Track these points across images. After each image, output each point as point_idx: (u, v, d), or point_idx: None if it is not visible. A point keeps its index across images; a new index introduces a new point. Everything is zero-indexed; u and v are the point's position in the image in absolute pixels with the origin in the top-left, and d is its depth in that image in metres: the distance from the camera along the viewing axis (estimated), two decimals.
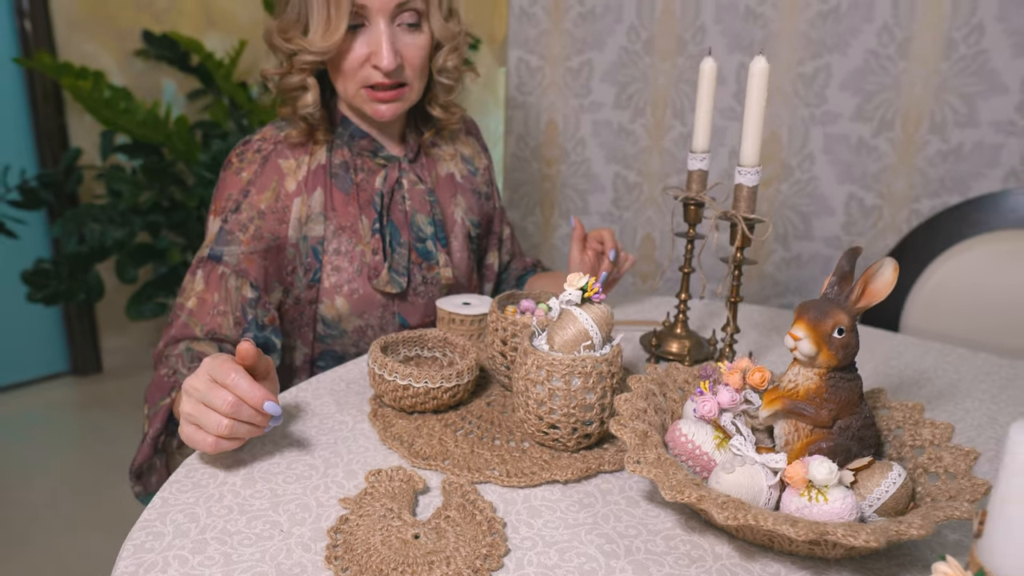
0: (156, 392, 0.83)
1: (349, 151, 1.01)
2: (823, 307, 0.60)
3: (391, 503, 0.62)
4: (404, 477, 0.65)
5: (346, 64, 0.93)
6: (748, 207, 0.79)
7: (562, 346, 0.70)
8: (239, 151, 0.98)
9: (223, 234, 0.93)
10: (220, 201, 0.96)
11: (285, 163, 0.97)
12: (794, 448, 0.63)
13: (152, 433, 0.80)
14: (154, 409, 0.81)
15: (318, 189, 0.98)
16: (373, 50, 0.92)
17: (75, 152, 2.32)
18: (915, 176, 1.53)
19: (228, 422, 0.63)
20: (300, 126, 0.98)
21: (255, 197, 0.95)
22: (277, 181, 0.96)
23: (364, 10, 0.91)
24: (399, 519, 0.60)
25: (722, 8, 1.63)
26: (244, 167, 0.97)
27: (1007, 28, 1.39)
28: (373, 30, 0.92)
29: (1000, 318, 1.19)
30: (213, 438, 0.64)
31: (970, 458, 0.59)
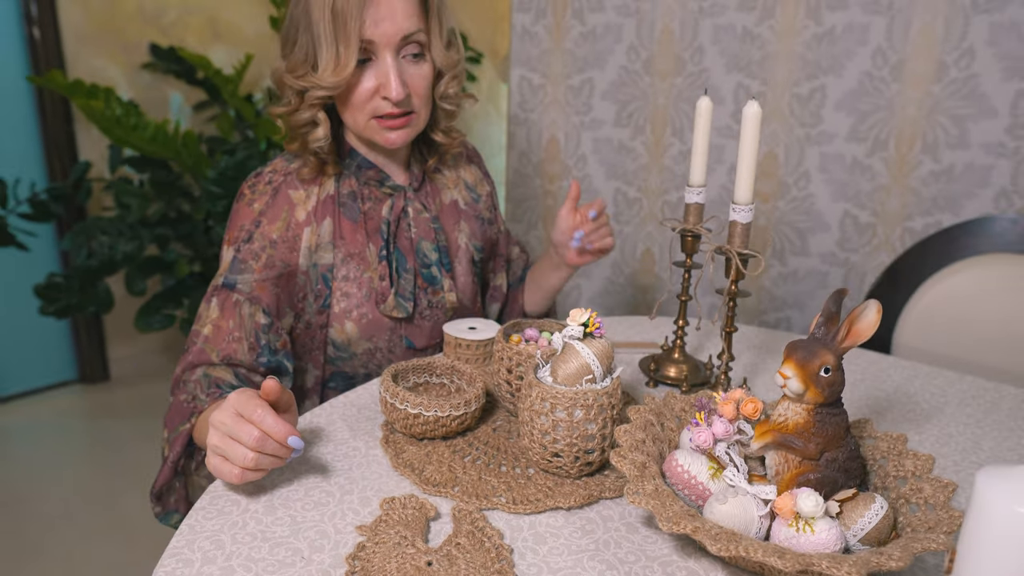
0: (176, 417, 0.86)
1: (356, 181, 1.05)
2: (811, 347, 0.64)
3: (405, 530, 0.66)
4: (416, 505, 0.69)
5: (356, 97, 0.97)
6: (742, 242, 0.82)
7: (565, 379, 0.74)
8: (251, 183, 1.02)
9: (236, 263, 0.97)
10: (233, 231, 1.00)
11: (295, 194, 1.01)
12: (784, 478, 0.67)
13: (172, 457, 0.84)
14: (174, 434, 0.85)
15: (327, 218, 1.02)
16: (381, 82, 0.96)
17: (84, 165, 2.36)
18: (908, 195, 1.57)
19: (253, 455, 0.67)
20: (310, 161, 1.01)
21: (267, 227, 0.99)
22: (288, 211, 1.00)
23: (371, 45, 0.94)
24: (413, 547, 0.64)
25: (720, 29, 1.67)
26: (256, 198, 1.00)
27: (997, 53, 1.43)
28: (380, 63, 0.95)
29: (987, 339, 1.23)
30: (239, 470, 0.67)
31: (948, 490, 0.63)
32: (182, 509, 0.89)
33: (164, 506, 0.89)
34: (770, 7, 1.61)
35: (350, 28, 0.92)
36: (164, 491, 0.87)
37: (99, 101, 1.82)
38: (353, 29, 0.92)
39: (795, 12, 1.58)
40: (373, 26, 0.93)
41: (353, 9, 0.91)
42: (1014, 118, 1.44)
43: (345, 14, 0.91)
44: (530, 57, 1.86)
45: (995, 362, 1.22)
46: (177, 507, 0.89)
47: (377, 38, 0.94)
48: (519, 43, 1.87)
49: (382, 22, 0.93)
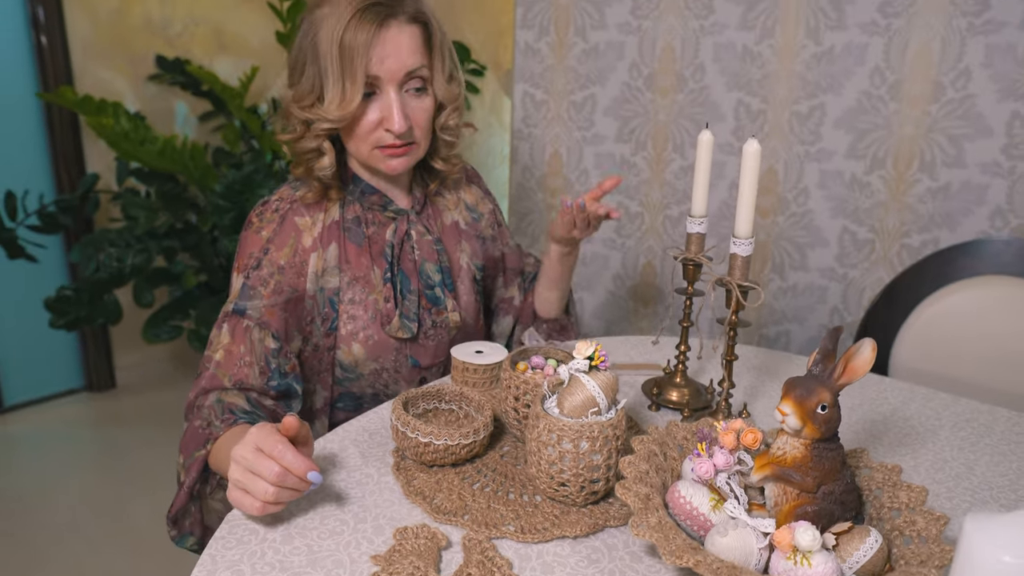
0: (191, 443, 0.89)
1: (360, 206, 1.08)
2: (808, 385, 0.67)
3: (418, 560, 0.68)
4: (428, 535, 0.72)
5: (360, 128, 1.00)
6: (742, 275, 0.85)
7: (571, 411, 0.76)
8: (258, 211, 1.05)
9: (246, 289, 1.00)
10: (242, 259, 1.02)
11: (301, 220, 1.03)
12: (782, 509, 0.69)
13: (189, 483, 0.86)
14: (190, 460, 0.87)
15: (333, 243, 1.04)
16: (385, 115, 0.99)
17: (93, 178, 2.39)
18: (906, 212, 1.60)
19: (274, 490, 0.69)
20: (314, 186, 1.04)
21: (274, 254, 1.01)
22: (294, 238, 1.02)
23: (376, 80, 0.97)
24: None
25: (720, 48, 1.70)
26: (264, 226, 1.03)
27: (993, 74, 1.46)
28: (384, 97, 0.98)
29: (982, 359, 1.26)
30: (260, 504, 0.70)
31: (940, 523, 0.66)
32: (197, 532, 0.91)
33: (180, 529, 0.91)
34: (770, 27, 1.63)
35: (356, 64, 0.95)
36: (180, 515, 0.90)
37: (109, 118, 1.85)
38: (360, 65, 0.95)
39: (795, 32, 1.61)
40: (378, 63, 0.96)
41: (360, 46, 0.94)
42: (1009, 138, 1.47)
43: (352, 51, 0.94)
44: (533, 73, 1.89)
45: (990, 382, 1.25)
46: (192, 530, 0.91)
47: (382, 74, 0.97)
48: (522, 59, 1.89)
49: (387, 59, 0.96)
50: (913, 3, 1.49)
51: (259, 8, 2.89)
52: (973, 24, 1.45)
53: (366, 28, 0.94)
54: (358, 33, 0.94)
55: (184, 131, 2.81)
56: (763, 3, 1.63)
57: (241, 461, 0.71)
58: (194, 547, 0.92)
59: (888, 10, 1.52)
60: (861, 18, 1.55)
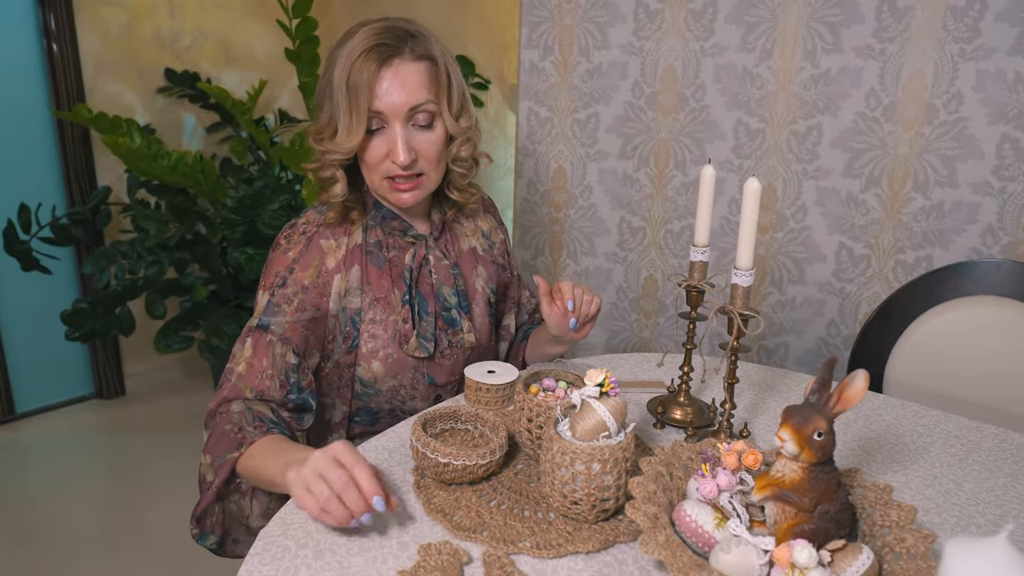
0: (221, 445, 0.93)
1: (382, 231, 1.13)
2: (805, 413, 0.72)
3: (442, 575, 0.73)
4: (451, 551, 0.77)
5: (370, 160, 1.06)
6: (743, 304, 0.90)
7: (583, 434, 0.81)
8: (287, 234, 1.10)
9: (271, 306, 1.05)
10: (269, 278, 1.08)
11: (326, 243, 1.09)
12: (781, 527, 0.74)
13: (218, 483, 0.91)
14: (220, 460, 0.92)
15: (355, 266, 1.10)
16: (391, 148, 1.04)
17: (105, 191, 2.44)
18: (900, 230, 1.65)
19: (330, 494, 0.76)
20: (336, 208, 1.10)
21: (299, 274, 1.06)
22: (319, 259, 1.08)
23: (382, 115, 1.03)
24: None
25: (720, 69, 1.75)
26: (291, 247, 1.08)
27: (983, 98, 1.51)
28: (391, 131, 1.04)
29: (971, 376, 1.31)
30: (318, 506, 0.76)
31: (928, 541, 0.71)
32: (218, 532, 0.96)
33: (202, 528, 0.95)
34: (768, 49, 1.68)
35: (361, 100, 1.01)
36: (204, 514, 0.94)
37: (125, 136, 1.90)
38: (363, 101, 1.01)
39: (792, 54, 1.66)
40: (383, 98, 1.02)
41: (364, 84, 1.00)
42: (1000, 160, 1.52)
43: (357, 88, 1.00)
44: (538, 91, 1.94)
45: (980, 399, 1.30)
46: (214, 529, 0.95)
47: (385, 109, 1.02)
48: (527, 78, 1.94)
49: (390, 95, 1.01)
50: (907, 28, 1.54)
51: (265, 22, 2.94)
52: (965, 50, 1.50)
53: (369, 66, 1.00)
54: (363, 71, 1.00)
55: (192, 143, 2.85)
56: (762, 26, 1.68)
57: (315, 464, 0.77)
58: (213, 546, 0.97)
59: (883, 35, 1.57)
60: (857, 42, 1.60)
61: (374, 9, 2.95)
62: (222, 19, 2.84)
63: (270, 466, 0.86)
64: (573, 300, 1.11)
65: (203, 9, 2.78)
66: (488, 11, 2.70)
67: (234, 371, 1.02)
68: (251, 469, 0.90)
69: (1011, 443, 1.05)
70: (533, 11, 1.87)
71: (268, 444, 0.90)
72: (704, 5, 1.72)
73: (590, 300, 1.14)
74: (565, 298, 1.11)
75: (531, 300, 1.37)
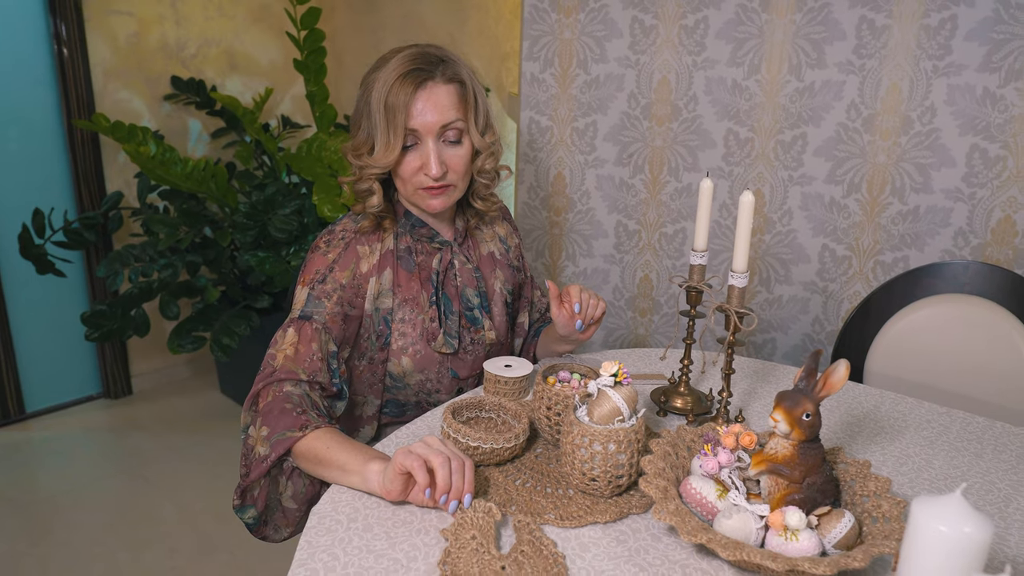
0: (282, 421, 0.99)
1: (411, 238, 1.23)
2: (795, 397, 0.83)
3: (479, 535, 0.83)
4: (484, 508, 0.87)
5: (404, 172, 1.16)
6: (739, 303, 1.01)
7: (600, 419, 0.92)
8: (326, 238, 1.20)
9: (311, 299, 1.14)
10: (308, 275, 1.17)
11: (362, 248, 1.19)
12: (775, 497, 0.85)
13: (273, 458, 0.98)
14: (279, 436, 0.98)
15: (387, 269, 1.20)
16: (424, 161, 1.14)
17: (117, 196, 2.51)
18: (879, 232, 1.77)
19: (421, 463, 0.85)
20: (370, 218, 1.20)
21: (338, 273, 1.16)
22: (355, 263, 1.18)
23: (416, 133, 1.13)
24: (488, 553, 0.81)
25: (711, 81, 1.86)
26: (330, 250, 1.18)
27: (954, 111, 1.63)
28: (423, 147, 1.14)
29: (941, 367, 1.43)
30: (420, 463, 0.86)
31: (900, 506, 0.82)
32: (260, 506, 1.03)
33: (244, 500, 1.03)
34: (756, 64, 1.80)
35: (398, 119, 1.11)
36: (251, 486, 1.01)
37: (146, 145, 1.98)
38: (400, 120, 1.11)
39: (779, 69, 1.78)
40: (416, 118, 1.12)
41: (400, 104, 1.10)
42: (969, 168, 1.64)
43: (394, 108, 1.10)
44: (539, 101, 2.04)
45: (948, 387, 1.42)
46: (256, 503, 1.03)
47: (419, 127, 1.12)
48: (528, 88, 2.05)
49: (424, 114, 1.11)
50: (885, 46, 1.66)
51: (268, 30, 3.03)
52: (937, 66, 1.62)
53: (406, 89, 1.10)
54: (399, 94, 1.10)
55: (197, 148, 2.93)
56: (751, 42, 1.79)
57: (432, 443, 0.89)
58: (251, 520, 1.04)
59: (862, 52, 1.69)
60: (838, 58, 1.72)
61: (377, 19, 3.05)
62: (226, 28, 2.92)
63: (344, 455, 0.94)
64: (580, 304, 1.21)
65: (208, 18, 2.86)
66: (488, 22, 2.80)
67: (278, 356, 1.09)
68: (313, 452, 0.96)
69: (976, 426, 1.17)
70: (534, 25, 1.98)
71: (336, 434, 0.98)
72: (696, 22, 1.83)
73: (595, 304, 1.24)
74: (573, 302, 1.21)
75: (542, 300, 1.47)
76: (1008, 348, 1.39)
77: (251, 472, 1.00)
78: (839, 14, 1.69)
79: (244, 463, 1.04)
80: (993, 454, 1.09)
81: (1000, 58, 1.57)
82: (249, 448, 1.02)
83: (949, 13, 1.59)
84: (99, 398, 2.91)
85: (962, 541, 0.60)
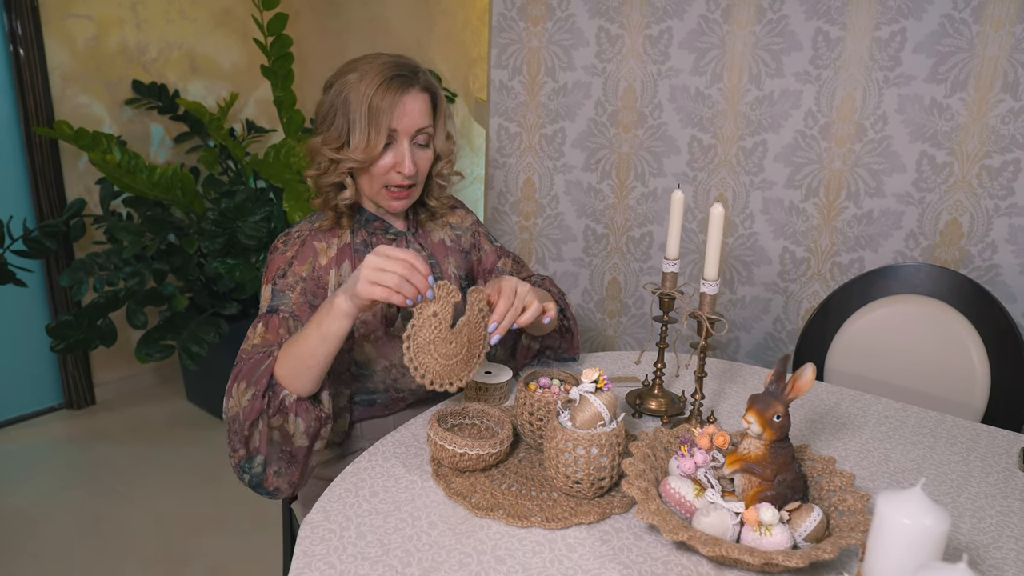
0: (256, 366, 1.05)
1: (366, 231, 1.30)
2: (766, 400, 0.88)
3: (439, 310, 1.03)
4: (447, 291, 1.02)
5: (376, 169, 1.22)
6: (710, 309, 1.06)
7: (582, 424, 0.96)
8: (283, 239, 1.26)
9: (276, 293, 1.19)
10: (271, 273, 1.22)
11: (319, 244, 1.25)
12: (748, 494, 0.90)
13: (259, 392, 1.02)
14: (256, 375, 1.04)
15: (346, 262, 1.26)
16: (397, 160, 1.21)
17: (80, 203, 2.47)
18: (836, 235, 1.85)
19: (399, 279, 0.97)
20: (330, 215, 1.26)
21: (297, 267, 1.22)
22: (313, 258, 1.24)
23: (394, 133, 1.20)
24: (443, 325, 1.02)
25: (675, 90, 1.92)
26: (288, 249, 1.24)
27: (905, 119, 1.72)
28: (398, 147, 1.21)
29: (898, 364, 1.51)
30: (387, 292, 0.97)
31: (864, 500, 0.88)
32: (264, 450, 1.05)
33: (249, 450, 1.05)
34: (718, 73, 1.86)
35: (382, 120, 1.17)
36: (250, 431, 1.03)
37: (112, 154, 1.96)
38: (384, 121, 1.18)
39: (739, 78, 1.84)
40: (398, 120, 1.19)
41: (385, 107, 1.17)
42: (919, 173, 1.73)
43: (379, 110, 1.17)
44: (507, 108, 2.08)
45: (903, 383, 1.50)
46: (259, 450, 1.05)
47: (399, 128, 1.19)
48: (497, 96, 2.08)
49: (405, 117, 1.19)
50: (839, 57, 1.74)
51: (232, 34, 3.00)
52: (888, 77, 1.71)
53: (392, 93, 1.17)
54: (385, 96, 1.17)
55: (160, 153, 2.89)
56: (712, 52, 1.86)
57: (371, 262, 0.98)
58: (259, 470, 1.06)
59: (818, 62, 1.76)
60: (796, 68, 1.79)
61: (342, 24, 3.04)
62: (188, 31, 2.88)
63: (309, 329, 1.03)
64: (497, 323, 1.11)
65: (169, 21, 2.82)
66: (456, 28, 2.82)
67: (249, 347, 1.12)
68: (290, 355, 1.03)
69: (929, 420, 1.25)
70: (502, 34, 2.01)
71: (294, 334, 1.06)
72: (660, 32, 1.89)
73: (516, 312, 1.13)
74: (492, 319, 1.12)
75: (515, 268, 1.45)
76: (957, 346, 1.47)
77: (248, 416, 1.03)
78: (796, 26, 1.77)
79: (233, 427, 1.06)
80: (945, 446, 1.17)
81: (946, 70, 1.65)
82: (234, 416, 1.05)
83: (899, 26, 1.67)
84: (60, 409, 2.85)
85: (923, 532, 0.66)
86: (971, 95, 1.64)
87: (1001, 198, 1.67)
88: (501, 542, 0.90)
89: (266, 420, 1.04)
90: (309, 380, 1.05)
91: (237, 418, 1.05)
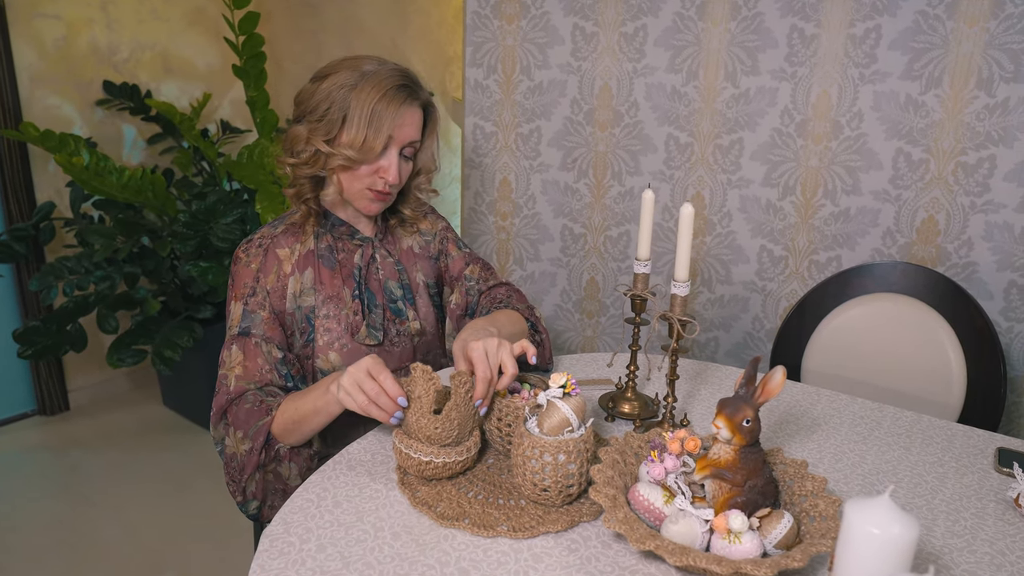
0: (251, 419, 1.10)
1: (332, 236, 1.28)
2: (735, 404, 0.86)
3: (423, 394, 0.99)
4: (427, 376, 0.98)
5: (362, 171, 1.21)
6: (681, 311, 1.04)
7: (550, 430, 0.94)
8: (244, 248, 1.23)
9: (246, 314, 1.18)
10: (238, 289, 1.21)
11: (282, 251, 1.23)
12: (718, 500, 0.88)
13: (257, 448, 1.08)
14: (253, 429, 1.09)
15: (308, 269, 1.24)
16: (383, 166, 1.21)
17: (49, 206, 2.42)
18: (813, 233, 1.84)
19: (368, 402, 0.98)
20: (302, 209, 1.25)
21: (264, 280, 1.21)
22: (278, 266, 1.22)
23: (390, 140, 1.20)
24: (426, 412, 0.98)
25: (651, 88, 1.90)
26: (251, 260, 1.22)
27: (880, 116, 1.71)
28: (389, 154, 1.21)
29: (873, 363, 1.50)
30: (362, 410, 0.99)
31: (835, 505, 0.86)
32: (260, 495, 1.11)
33: (246, 496, 1.10)
34: (694, 71, 1.84)
35: (383, 126, 1.17)
36: (248, 481, 1.09)
37: (79, 157, 1.91)
38: (385, 127, 1.18)
39: (716, 76, 1.83)
40: (398, 128, 1.19)
41: (388, 114, 1.17)
42: (895, 171, 1.72)
43: (382, 116, 1.17)
44: (483, 107, 2.05)
45: (879, 382, 1.49)
46: (256, 495, 1.11)
47: (396, 137, 1.20)
48: (472, 94, 2.05)
49: (403, 128, 1.20)
50: (815, 54, 1.73)
51: (204, 34, 2.95)
52: (864, 74, 1.70)
53: (397, 102, 1.18)
54: (390, 104, 1.17)
55: (132, 155, 2.84)
56: (688, 49, 1.84)
57: (351, 374, 0.99)
58: (255, 511, 1.12)
59: (794, 60, 1.75)
60: (771, 65, 1.78)
61: (316, 23, 3.00)
62: (160, 31, 2.83)
63: (307, 400, 1.06)
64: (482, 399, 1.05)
65: (141, 21, 2.77)
66: (431, 26, 2.79)
67: (229, 376, 1.15)
68: (288, 419, 1.07)
69: (905, 420, 1.24)
70: (477, 32, 1.99)
71: (293, 396, 1.09)
72: (635, 29, 1.87)
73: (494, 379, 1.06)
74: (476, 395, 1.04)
75: (483, 275, 1.41)
76: (934, 345, 1.46)
77: (245, 469, 1.09)
78: (771, 23, 1.75)
79: (231, 467, 1.12)
80: (921, 447, 1.15)
81: (920, 67, 1.64)
82: (231, 455, 1.11)
83: (874, 23, 1.66)
84: (33, 415, 2.80)
85: (892, 541, 0.64)
86: (946, 92, 1.64)
87: (977, 195, 1.66)
88: (466, 553, 0.88)
89: (263, 472, 1.10)
90: (303, 437, 1.10)
91: (235, 458, 1.11)
